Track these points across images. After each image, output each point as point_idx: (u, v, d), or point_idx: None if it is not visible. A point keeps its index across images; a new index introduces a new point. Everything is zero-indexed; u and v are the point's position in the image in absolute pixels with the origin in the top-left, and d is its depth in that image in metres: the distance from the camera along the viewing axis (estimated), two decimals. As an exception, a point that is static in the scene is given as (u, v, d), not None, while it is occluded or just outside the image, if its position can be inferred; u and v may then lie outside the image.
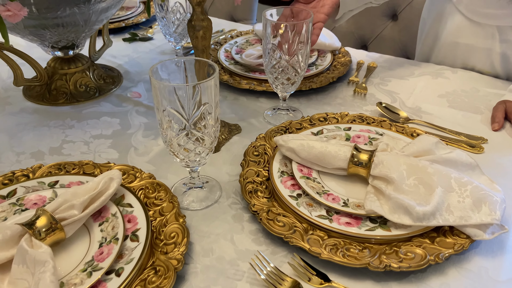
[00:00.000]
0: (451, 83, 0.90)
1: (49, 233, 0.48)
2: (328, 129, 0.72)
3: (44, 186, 0.59)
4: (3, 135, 0.74)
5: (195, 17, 0.65)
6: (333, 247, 0.51)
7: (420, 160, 0.57)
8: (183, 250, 0.50)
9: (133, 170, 0.63)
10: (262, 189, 0.60)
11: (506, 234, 0.54)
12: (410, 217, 0.52)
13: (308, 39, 0.71)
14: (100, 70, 0.91)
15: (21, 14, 0.63)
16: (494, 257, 0.52)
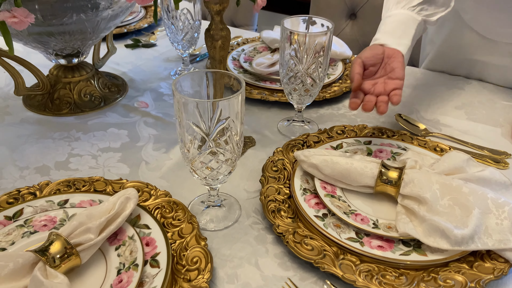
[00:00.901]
0: (466, 94, 0.89)
1: (64, 259, 0.44)
2: (347, 142, 0.69)
3: (53, 206, 0.55)
4: (4, 148, 0.70)
5: (213, 26, 0.61)
6: (367, 274, 0.48)
7: (453, 178, 0.55)
8: (208, 278, 0.47)
9: (148, 187, 0.59)
10: (285, 208, 0.57)
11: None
12: (448, 241, 0.49)
13: (328, 50, 0.68)
14: (105, 79, 0.87)
15: (28, 21, 0.59)
16: (535, 283, 0.50)
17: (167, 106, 0.83)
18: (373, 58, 0.69)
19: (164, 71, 0.97)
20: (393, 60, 0.68)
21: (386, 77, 0.68)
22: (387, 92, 0.66)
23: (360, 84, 0.67)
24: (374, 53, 0.70)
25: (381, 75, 0.69)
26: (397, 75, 0.67)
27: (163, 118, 0.79)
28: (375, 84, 0.68)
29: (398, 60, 0.68)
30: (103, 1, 0.70)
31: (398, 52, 0.69)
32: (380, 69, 0.70)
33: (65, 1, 0.67)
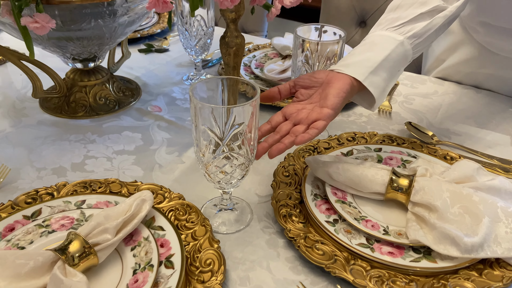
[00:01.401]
0: (476, 104, 0.89)
1: (82, 258, 0.45)
2: (357, 149, 0.70)
3: (70, 206, 0.56)
4: (22, 149, 0.72)
5: (229, 33, 0.63)
6: (378, 279, 0.49)
7: (463, 187, 0.55)
8: (221, 280, 0.48)
9: (162, 190, 0.60)
10: (296, 213, 0.58)
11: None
12: (458, 249, 0.50)
13: (340, 57, 0.69)
14: (119, 83, 0.89)
15: (49, 26, 0.61)
16: (545, 292, 0.50)
17: (180, 111, 0.85)
18: (308, 80, 0.60)
19: (177, 76, 0.99)
20: (331, 86, 0.57)
21: (317, 104, 0.58)
22: (307, 122, 0.56)
23: (268, 96, 0.60)
24: (312, 75, 0.61)
25: (314, 101, 0.59)
26: (328, 104, 0.56)
27: (176, 122, 0.81)
28: (301, 109, 0.58)
29: (337, 87, 0.57)
30: (120, 8, 0.72)
31: (344, 78, 0.58)
32: (315, 95, 0.59)
33: (84, 7, 0.69)
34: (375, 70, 0.59)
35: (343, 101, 0.57)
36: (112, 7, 0.71)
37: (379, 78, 0.60)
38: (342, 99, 0.57)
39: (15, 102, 0.85)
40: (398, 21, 0.63)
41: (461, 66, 0.96)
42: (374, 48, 0.61)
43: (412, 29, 0.63)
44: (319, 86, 0.60)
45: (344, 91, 0.57)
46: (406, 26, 0.63)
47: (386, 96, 0.64)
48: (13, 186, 0.64)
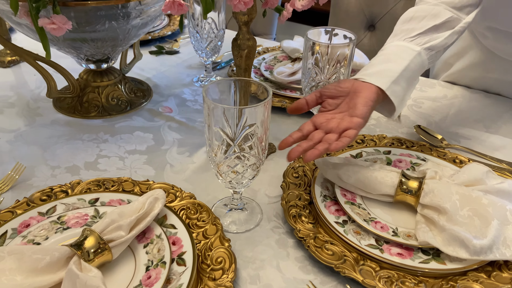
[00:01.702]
0: (485, 108, 0.89)
1: (97, 254, 0.47)
2: (367, 152, 0.71)
3: (84, 204, 0.57)
4: (36, 147, 0.73)
5: (241, 36, 0.64)
6: (387, 280, 0.49)
7: (473, 190, 0.56)
8: (232, 277, 0.48)
9: (173, 189, 0.61)
10: (306, 213, 0.59)
11: None
12: (467, 251, 0.50)
13: (350, 60, 0.70)
14: (131, 84, 0.90)
15: (65, 28, 0.63)
16: (554, 295, 0.50)
17: (190, 112, 0.86)
18: (334, 90, 0.61)
19: (187, 77, 1.00)
20: (358, 95, 0.59)
21: (346, 113, 0.59)
22: (338, 131, 0.56)
23: (297, 108, 0.62)
24: (338, 85, 0.62)
25: (342, 110, 0.60)
26: (357, 113, 0.57)
27: (187, 123, 0.82)
28: (331, 119, 0.58)
29: (364, 96, 0.58)
30: (134, 10, 0.74)
31: (369, 87, 0.60)
32: (343, 104, 0.60)
33: (99, 9, 0.70)
34: (396, 80, 0.61)
35: (371, 109, 0.59)
36: (126, 9, 0.72)
37: (399, 88, 0.61)
38: (370, 108, 0.58)
39: (29, 101, 0.87)
40: (414, 32, 0.65)
41: (469, 70, 0.96)
42: (394, 59, 0.63)
43: (429, 41, 0.65)
44: (345, 95, 0.61)
45: (371, 100, 0.59)
46: (422, 37, 0.65)
47: (405, 104, 0.66)
48: (28, 184, 0.65)
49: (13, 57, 1.03)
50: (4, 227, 0.53)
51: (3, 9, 0.72)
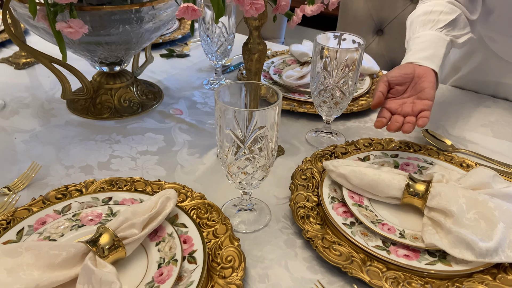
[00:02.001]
0: (493, 113, 0.90)
1: (111, 251, 0.48)
2: (374, 155, 0.72)
3: (98, 202, 0.59)
4: (51, 147, 0.75)
5: (251, 40, 0.65)
6: (394, 281, 0.50)
7: (479, 193, 0.56)
8: (242, 276, 0.50)
9: (184, 189, 0.63)
10: (314, 215, 0.60)
11: None
12: (473, 253, 0.51)
13: (359, 65, 0.71)
14: (143, 86, 0.92)
15: (82, 31, 0.65)
16: (559, 298, 0.51)
17: (200, 114, 0.87)
18: (400, 77, 0.70)
19: (197, 80, 1.02)
20: (423, 80, 0.69)
21: (415, 97, 0.69)
22: (414, 113, 0.67)
23: (380, 102, 0.69)
24: (402, 72, 0.71)
25: (410, 94, 0.70)
26: (426, 96, 0.67)
27: (197, 125, 0.83)
28: (403, 104, 0.69)
29: (429, 80, 0.69)
30: (147, 15, 0.75)
31: (429, 71, 0.70)
32: (409, 89, 0.70)
33: (113, 13, 0.72)
34: (440, 65, 0.73)
35: (435, 91, 0.69)
36: (139, 13, 0.74)
37: (440, 71, 0.73)
38: (435, 90, 0.69)
39: (43, 103, 0.89)
40: (440, 23, 0.77)
41: (477, 74, 0.96)
42: (434, 46, 0.74)
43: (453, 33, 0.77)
44: (410, 81, 0.71)
45: (434, 83, 0.70)
46: (447, 28, 0.77)
47: None
48: (43, 183, 0.67)
49: (27, 59, 1.06)
50: (20, 224, 0.55)
51: (20, 12, 0.74)
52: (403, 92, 0.71)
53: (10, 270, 0.45)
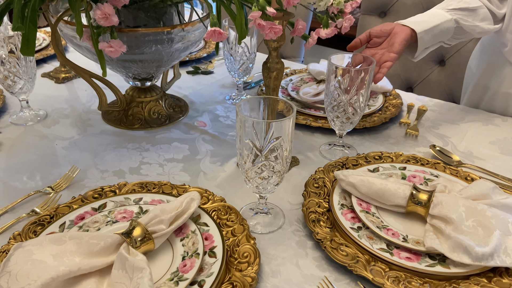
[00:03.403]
0: (501, 131, 0.94)
1: (143, 242, 0.55)
2: (383, 167, 0.77)
3: (130, 202, 0.66)
4: (88, 153, 0.83)
5: (270, 60, 0.72)
6: (395, 279, 0.55)
7: (478, 203, 0.61)
8: (256, 269, 0.55)
9: (206, 193, 0.69)
10: (324, 219, 0.65)
11: None
12: (469, 257, 0.55)
13: (369, 84, 0.77)
14: (170, 100, 1.00)
15: (121, 50, 0.73)
16: (552, 302, 0.54)
17: (222, 127, 0.94)
18: (380, 31, 0.85)
19: (220, 95, 1.09)
20: (397, 36, 0.83)
21: (386, 49, 0.83)
22: (380, 63, 0.82)
23: (354, 46, 0.84)
24: (383, 27, 0.85)
25: (383, 47, 0.84)
26: (394, 50, 0.81)
27: (219, 136, 0.90)
28: (374, 54, 0.84)
29: (401, 37, 0.82)
30: (177, 36, 0.84)
31: (406, 30, 0.83)
32: (385, 42, 0.85)
33: (147, 35, 0.81)
34: (427, 30, 0.85)
35: (404, 48, 0.83)
36: (170, 35, 0.82)
37: (427, 37, 0.86)
38: (404, 46, 0.82)
39: (81, 113, 0.98)
40: (451, 6, 0.91)
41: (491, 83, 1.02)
42: (430, 17, 0.88)
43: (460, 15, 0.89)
44: (387, 36, 0.85)
45: (405, 40, 0.83)
46: (455, 11, 0.89)
47: (423, 55, 0.92)
48: (81, 184, 0.75)
49: (67, 74, 1.16)
50: (62, 218, 0.63)
51: (66, 32, 0.83)
52: (379, 44, 0.85)
53: (55, 255, 0.52)
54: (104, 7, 0.67)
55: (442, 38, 0.91)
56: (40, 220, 0.63)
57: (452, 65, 1.36)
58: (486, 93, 1.04)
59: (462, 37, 0.94)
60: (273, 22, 0.61)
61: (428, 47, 0.90)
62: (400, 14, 1.39)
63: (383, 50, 0.84)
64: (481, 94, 1.05)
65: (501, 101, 1.01)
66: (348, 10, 0.72)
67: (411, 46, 0.89)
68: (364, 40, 0.86)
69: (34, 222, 0.62)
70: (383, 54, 0.83)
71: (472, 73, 1.09)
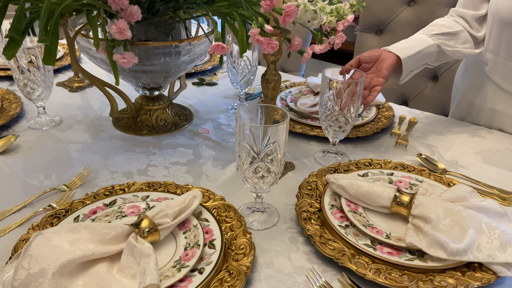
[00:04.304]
0: (487, 142, 1.00)
1: (150, 233, 0.61)
2: (372, 172, 0.83)
3: (138, 199, 0.72)
4: (99, 156, 0.90)
5: (269, 72, 0.79)
6: (376, 271, 0.60)
7: (456, 205, 0.67)
8: (251, 260, 0.61)
9: (207, 192, 0.75)
10: (315, 218, 0.71)
11: (530, 274, 0.61)
12: (445, 252, 0.60)
13: (359, 95, 0.83)
14: (176, 108, 1.07)
15: (133, 62, 0.80)
16: (519, 294, 0.60)
17: (225, 134, 1.01)
18: (369, 57, 0.94)
19: (223, 105, 1.16)
20: (384, 62, 0.91)
21: (374, 74, 0.91)
22: (369, 87, 0.90)
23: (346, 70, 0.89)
24: (371, 54, 0.94)
25: (372, 72, 0.93)
26: (381, 75, 0.90)
27: (221, 142, 0.97)
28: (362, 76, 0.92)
29: (388, 63, 0.91)
30: (184, 49, 0.91)
31: (392, 56, 0.92)
32: (373, 67, 0.94)
33: (157, 48, 0.88)
34: (411, 56, 0.94)
35: (390, 72, 0.93)
36: (178, 48, 0.90)
37: (410, 62, 0.95)
38: (390, 71, 0.92)
39: (93, 120, 1.05)
40: (433, 31, 1.00)
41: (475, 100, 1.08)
42: (414, 43, 0.97)
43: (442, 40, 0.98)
44: (375, 62, 0.94)
45: (392, 66, 0.92)
46: (438, 36, 0.98)
47: (408, 78, 1.00)
48: (93, 183, 0.81)
49: (80, 83, 1.23)
50: (77, 212, 0.69)
51: (82, 44, 0.91)
52: (368, 69, 0.94)
53: (71, 242, 0.59)
54: (119, 22, 0.74)
55: (426, 61, 1.00)
56: (56, 214, 0.69)
57: (444, 80, 1.43)
58: (471, 108, 1.10)
59: (444, 59, 1.03)
60: (271, 38, 0.68)
61: (413, 70, 0.99)
62: (395, 31, 1.47)
63: (372, 74, 0.92)
64: (467, 109, 1.11)
65: (486, 116, 1.07)
66: (340, 28, 0.79)
67: (397, 70, 0.97)
68: (355, 65, 0.95)
69: (51, 215, 0.68)
70: (372, 79, 0.91)
71: (457, 89, 1.16)
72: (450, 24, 1.01)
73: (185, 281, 0.57)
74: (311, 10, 0.72)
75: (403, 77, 0.98)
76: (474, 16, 1.00)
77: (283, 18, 0.68)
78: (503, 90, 1.01)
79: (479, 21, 1.01)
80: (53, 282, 0.52)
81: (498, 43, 0.97)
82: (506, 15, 0.92)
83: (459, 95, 1.13)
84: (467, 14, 1.01)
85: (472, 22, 1.01)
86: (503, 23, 0.93)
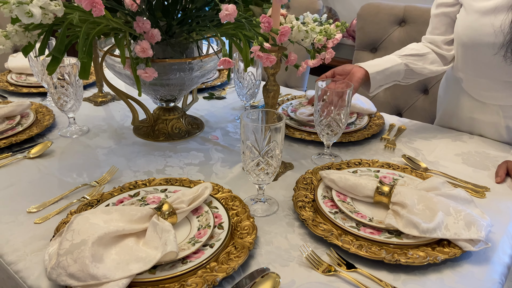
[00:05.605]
0: (467, 146, 1.11)
1: (169, 215, 0.73)
2: (361, 170, 0.94)
3: (157, 191, 0.85)
4: (123, 158, 1.03)
5: (269, 83, 0.92)
6: (359, 246, 0.71)
7: (428, 193, 0.78)
8: (254, 238, 0.73)
9: (217, 186, 0.88)
10: (309, 206, 0.83)
11: (488, 248, 0.72)
12: (417, 230, 0.71)
13: (348, 103, 0.96)
14: (189, 118, 1.21)
15: (153, 76, 0.94)
16: (480, 264, 0.70)
17: (232, 140, 1.14)
18: (342, 70, 1.10)
19: (231, 116, 1.29)
20: (354, 75, 1.07)
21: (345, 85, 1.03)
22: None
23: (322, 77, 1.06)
24: (344, 68, 1.10)
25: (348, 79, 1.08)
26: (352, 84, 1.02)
27: (229, 147, 1.10)
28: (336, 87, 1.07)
29: (357, 76, 1.06)
30: (196, 66, 1.05)
31: (361, 71, 1.07)
32: (345, 79, 1.09)
33: (173, 64, 1.02)
34: (378, 72, 1.09)
35: (359, 85, 1.07)
36: (191, 64, 1.04)
37: (378, 77, 1.10)
38: (359, 84, 1.07)
39: (116, 129, 1.19)
40: (403, 52, 1.15)
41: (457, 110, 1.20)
42: (384, 62, 1.12)
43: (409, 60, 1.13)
44: (347, 74, 1.09)
45: (361, 79, 1.07)
46: (406, 57, 1.14)
47: (378, 91, 1.14)
48: (119, 180, 0.94)
49: (103, 98, 1.38)
50: (106, 201, 0.82)
51: (109, 62, 1.06)
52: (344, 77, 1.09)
53: (105, 221, 0.71)
54: (142, 43, 0.89)
55: (395, 78, 1.13)
56: (89, 202, 0.82)
57: (434, 93, 1.55)
58: (453, 117, 1.21)
59: (415, 77, 1.16)
60: (269, 54, 0.82)
61: (382, 85, 1.12)
62: (388, 49, 1.60)
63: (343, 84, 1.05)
64: (450, 118, 1.23)
65: (467, 124, 1.19)
66: (330, 45, 0.92)
67: (367, 83, 1.11)
68: (330, 76, 1.10)
69: (86, 204, 0.81)
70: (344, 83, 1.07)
71: (441, 100, 1.28)
72: (419, 48, 1.15)
73: (198, 253, 0.69)
74: (304, 30, 0.85)
75: (372, 90, 1.11)
76: (443, 41, 1.14)
77: (279, 37, 0.81)
78: (479, 101, 1.13)
79: (448, 43, 1.15)
80: (92, 249, 0.64)
81: (465, 63, 1.10)
82: (465, 39, 1.05)
83: (443, 106, 1.25)
84: (436, 39, 1.15)
85: (441, 45, 1.15)
86: (464, 46, 1.06)
